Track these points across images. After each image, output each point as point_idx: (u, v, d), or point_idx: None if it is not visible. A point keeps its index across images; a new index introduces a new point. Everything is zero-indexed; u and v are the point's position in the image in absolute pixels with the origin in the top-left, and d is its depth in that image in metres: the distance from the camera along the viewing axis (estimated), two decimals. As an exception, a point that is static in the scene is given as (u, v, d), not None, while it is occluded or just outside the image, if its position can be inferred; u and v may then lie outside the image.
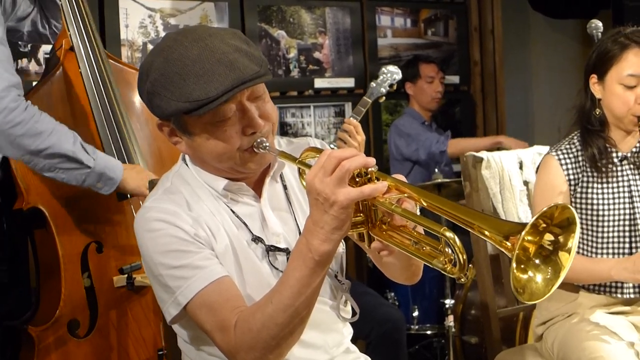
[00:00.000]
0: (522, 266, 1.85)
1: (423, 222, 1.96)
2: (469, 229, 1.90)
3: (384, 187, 1.96)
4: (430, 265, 2.00)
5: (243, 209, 2.31)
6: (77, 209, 3.44)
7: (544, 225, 1.86)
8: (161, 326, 3.45)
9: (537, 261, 1.87)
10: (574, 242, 1.88)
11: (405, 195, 2.01)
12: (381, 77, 4.19)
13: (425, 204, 1.98)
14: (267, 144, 2.19)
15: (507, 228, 1.84)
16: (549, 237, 1.88)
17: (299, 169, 2.26)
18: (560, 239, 1.89)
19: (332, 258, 2.04)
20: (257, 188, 2.35)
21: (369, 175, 1.98)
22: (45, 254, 3.49)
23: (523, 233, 1.79)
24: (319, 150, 2.20)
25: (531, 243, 1.85)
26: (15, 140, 3.14)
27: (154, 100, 2.17)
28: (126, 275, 3.44)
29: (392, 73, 4.19)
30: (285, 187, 2.42)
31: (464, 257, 1.88)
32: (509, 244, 1.81)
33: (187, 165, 2.35)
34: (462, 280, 1.93)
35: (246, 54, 2.16)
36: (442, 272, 1.97)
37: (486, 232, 1.86)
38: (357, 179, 1.97)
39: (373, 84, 4.19)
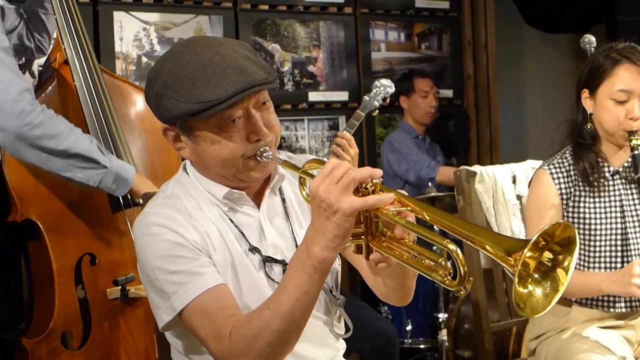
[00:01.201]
0: (523, 281, 1.86)
1: (426, 234, 1.97)
2: (471, 243, 1.91)
3: (389, 199, 1.98)
4: (430, 278, 2.00)
5: (242, 219, 2.32)
6: (70, 220, 3.44)
7: (544, 242, 1.88)
8: (155, 337, 3.46)
9: (536, 276, 1.89)
10: (572, 261, 1.89)
11: (408, 208, 2.02)
12: (374, 91, 4.19)
13: (428, 217, 2.00)
14: (270, 153, 2.21)
15: (509, 244, 1.86)
16: (548, 254, 1.90)
17: (300, 179, 2.28)
18: (560, 257, 1.90)
19: (331, 266, 2.05)
20: (257, 199, 2.37)
21: (373, 188, 1.99)
22: (38, 266, 3.48)
23: (525, 250, 1.80)
24: (321, 162, 2.23)
25: (531, 259, 1.87)
26: (34, 142, 3.16)
27: (162, 102, 2.18)
28: (120, 287, 3.45)
29: (385, 87, 4.19)
30: (283, 201, 2.43)
31: (465, 269, 1.88)
32: (511, 260, 1.82)
33: (187, 173, 2.36)
34: (462, 293, 1.94)
35: (255, 62, 2.20)
36: (442, 284, 1.97)
37: (488, 247, 1.88)
38: (362, 190, 1.99)
39: (366, 98, 4.19)
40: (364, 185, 2.00)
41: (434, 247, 4.05)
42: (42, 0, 3.71)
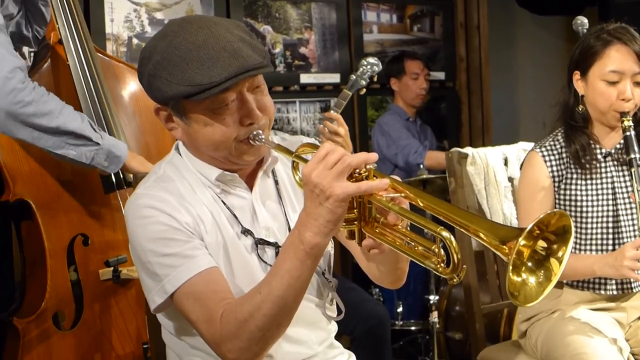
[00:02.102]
0: (516, 269, 1.86)
1: (420, 221, 1.96)
2: (464, 231, 1.91)
3: (384, 184, 1.97)
4: (423, 265, 2.00)
5: (234, 201, 2.31)
6: (63, 201, 3.43)
7: (538, 231, 1.88)
8: (146, 319, 3.46)
9: (530, 264, 1.89)
10: (566, 252, 1.90)
11: (402, 195, 2.01)
12: (361, 69, 4.18)
13: (422, 204, 1.99)
14: (263, 137, 2.20)
15: (503, 232, 1.86)
16: (542, 243, 1.90)
17: (292, 163, 2.26)
18: (554, 246, 1.91)
19: (323, 251, 2.04)
20: (249, 181, 2.36)
21: (367, 173, 1.98)
22: (31, 246, 3.48)
23: (520, 239, 1.80)
24: (314, 146, 2.22)
25: (525, 247, 1.87)
26: (26, 119, 3.14)
27: (154, 82, 2.17)
28: (112, 268, 3.44)
29: (371, 65, 4.18)
30: (276, 183, 2.42)
31: (459, 257, 1.88)
32: (505, 248, 1.82)
33: (179, 154, 2.35)
34: (455, 280, 1.93)
35: (249, 45, 2.17)
36: (435, 272, 1.97)
37: (482, 236, 1.88)
38: (355, 176, 1.98)
39: (353, 77, 4.19)
40: (357, 170, 1.99)
41: (424, 232, 4.06)
42: None
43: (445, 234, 1.89)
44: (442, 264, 1.95)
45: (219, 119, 2.17)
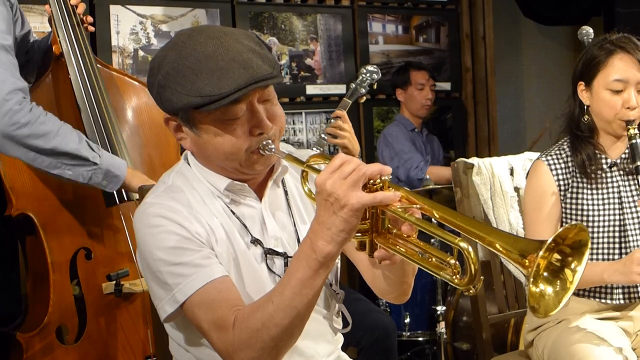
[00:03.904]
0: (534, 281, 1.85)
1: (436, 231, 1.94)
2: (481, 243, 1.89)
3: (397, 196, 1.96)
4: (438, 277, 1.98)
5: (244, 210, 2.31)
6: (65, 215, 3.44)
7: (554, 244, 1.86)
8: (149, 332, 3.46)
9: (545, 274, 1.87)
10: (581, 264, 1.88)
11: (417, 206, 2.00)
12: (360, 78, 4.18)
13: (437, 215, 1.97)
14: (273, 147, 2.19)
15: (522, 245, 1.84)
16: (556, 255, 1.89)
17: (302, 173, 2.25)
18: (569, 258, 1.89)
19: (335, 260, 2.03)
20: (259, 191, 2.35)
21: (381, 184, 1.97)
22: (34, 260, 3.49)
23: (541, 252, 1.79)
24: (325, 157, 2.20)
25: (542, 259, 1.85)
26: (21, 140, 3.16)
27: (164, 93, 2.16)
28: (114, 282, 3.44)
29: (371, 73, 4.18)
30: (286, 193, 2.42)
31: (477, 267, 1.86)
32: (526, 261, 1.80)
33: (188, 164, 2.34)
34: (471, 292, 1.91)
35: (259, 55, 2.17)
36: (451, 283, 1.95)
37: (500, 248, 1.86)
38: (369, 187, 1.97)
39: (353, 85, 4.18)
40: (371, 181, 1.98)
41: (432, 240, 4.05)
42: (45, 57, 3.72)
43: (464, 244, 1.87)
44: (457, 275, 1.93)
45: (229, 130, 2.16)
